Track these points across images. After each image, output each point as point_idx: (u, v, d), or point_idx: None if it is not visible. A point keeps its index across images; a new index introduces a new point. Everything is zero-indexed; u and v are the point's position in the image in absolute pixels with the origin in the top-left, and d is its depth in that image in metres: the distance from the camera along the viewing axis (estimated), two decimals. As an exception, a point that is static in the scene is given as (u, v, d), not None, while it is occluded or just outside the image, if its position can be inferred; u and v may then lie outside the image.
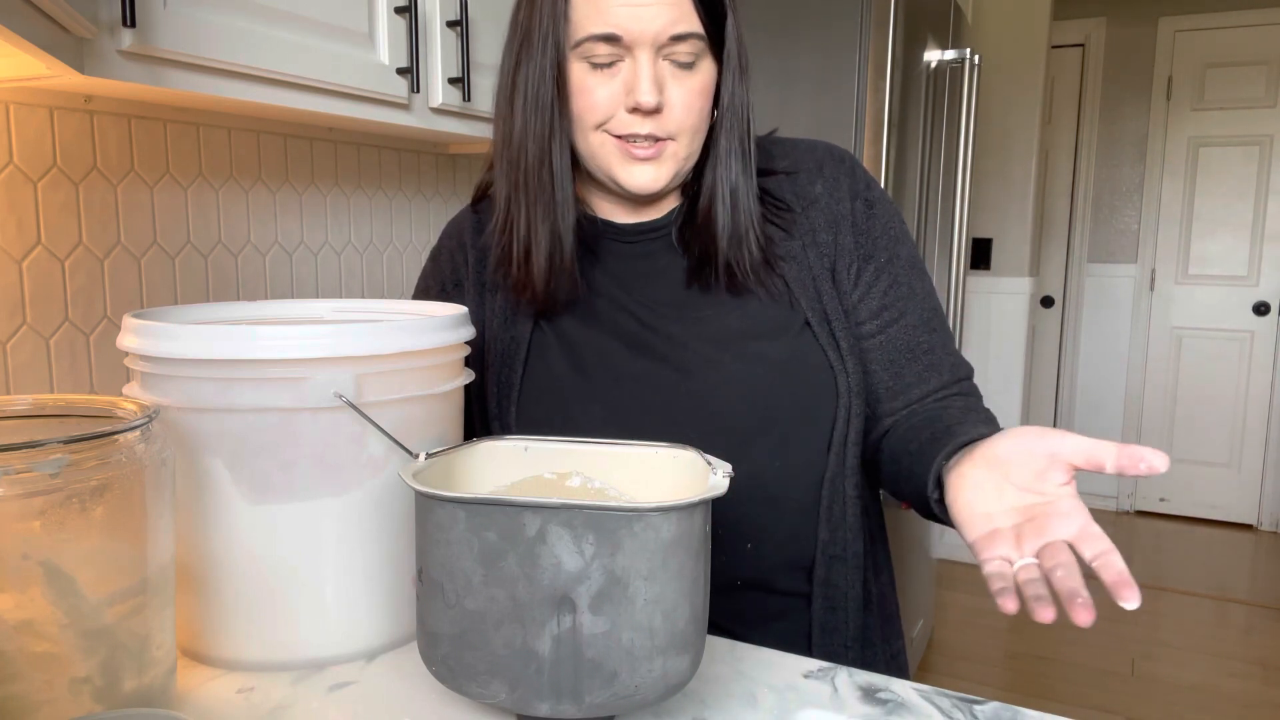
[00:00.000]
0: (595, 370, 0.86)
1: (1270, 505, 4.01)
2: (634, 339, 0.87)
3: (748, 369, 0.84)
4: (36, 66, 0.88)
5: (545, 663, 0.56)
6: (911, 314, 0.88)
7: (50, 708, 0.55)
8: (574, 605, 0.55)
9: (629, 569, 0.55)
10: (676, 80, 0.80)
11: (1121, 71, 4.11)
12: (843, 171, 0.90)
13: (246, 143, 1.42)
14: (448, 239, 0.99)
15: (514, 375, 0.89)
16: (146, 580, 0.61)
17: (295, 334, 0.67)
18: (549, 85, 0.80)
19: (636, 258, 0.90)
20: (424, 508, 0.59)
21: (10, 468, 0.53)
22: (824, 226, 0.88)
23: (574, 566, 0.54)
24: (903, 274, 0.89)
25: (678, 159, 0.83)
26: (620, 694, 0.56)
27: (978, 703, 0.66)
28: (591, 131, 0.81)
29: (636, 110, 0.79)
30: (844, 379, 0.85)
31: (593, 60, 0.79)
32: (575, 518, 0.54)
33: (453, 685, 0.59)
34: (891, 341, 0.87)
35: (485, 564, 0.55)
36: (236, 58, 1.02)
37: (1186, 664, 2.81)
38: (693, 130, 0.82)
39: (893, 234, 0.89)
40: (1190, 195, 4.04)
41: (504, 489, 0.72)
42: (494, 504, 0.55)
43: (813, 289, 0.86)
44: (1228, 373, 4.03)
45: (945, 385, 0.88)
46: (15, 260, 1.11)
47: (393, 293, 1.75)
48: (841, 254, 0.87)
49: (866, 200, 0.89)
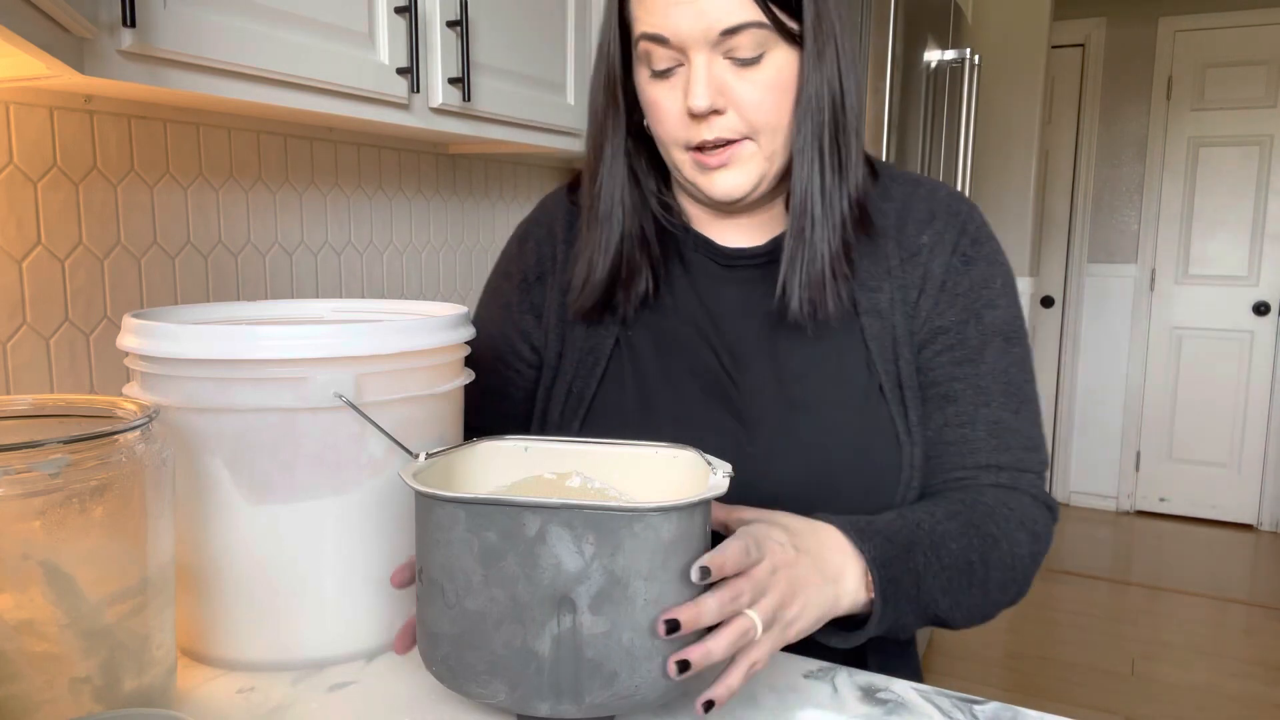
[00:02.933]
0: (663, 408, 0.83)
1: (1270, 505, 4.01)
2: (709, 383, 0.82)
3: (817, 440, 0.79)
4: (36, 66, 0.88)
5: (545, 663, 0.56)
6: (967, 395, 0.79)
7: (50, 708, 0.55)
8: (574, 605, 0.55)
9: (629, 569, 0.55)
10: (741, 76, 0.74)
11: (1121, 71, 4.11)
12: (954, 224, 0.82)
13: (246, 143, 1.42)
14: (537, 224, 0.95)
15: (588, 389, 0.85)
16: (146, 580, 0.61)
17: (295, 334, 0.67)
18: (602, 94, 0.80)
19: (729, 284, 0.85)
20: (424, 508, 0.58)
21: (10, 468, 0.53)
22: (916, 284, 0.81)
23: (574, 567, 0.54)
24: (974, 342, 0.80)
25: (760, 160, 0.77)
26: (620, 694, 0.56)
27: (978, 703, 0.66)
28: (671, 149, 0.78)
29: (693, 116, 0.75)
30: (909, 451, 0.79)
31: (652, 66, 0.76)
32: (575, 518, 0.54)
33: (453, 685, 0.59)
34: (932, 420, 0.80)
35: (485, 564, 0.55)
36: (236, 58, 1.02)
37: (1186, 664, 2.81)
38: (773, 128, 0.76)
39: (982, 297, 0.81)
40: (1190, 195, 4.04)
41: (504, 489, 0.72)
42: (494, 504, 0.55)
43: (891, 351, 0.80)
44: (1228, 373, 4.03)
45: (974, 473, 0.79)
46: (15, 260, 1.11)
47: (393, 293, 1.75)
48: (927, 316, 0.81)
49: (965, 256, 0.81)
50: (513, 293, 0.93)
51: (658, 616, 0.55)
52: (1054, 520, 0.81)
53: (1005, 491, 0.78)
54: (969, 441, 0.79)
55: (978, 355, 0.80)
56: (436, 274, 1.88)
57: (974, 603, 0.75)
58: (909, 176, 0.86)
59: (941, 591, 0.72)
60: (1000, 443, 0.79)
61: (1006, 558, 0.75)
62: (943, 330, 0.80)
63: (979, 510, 0.76)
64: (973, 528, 0.74)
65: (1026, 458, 0.80)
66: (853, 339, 0.81)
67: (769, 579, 0.61)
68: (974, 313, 0.80)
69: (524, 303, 0.92)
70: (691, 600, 0.57)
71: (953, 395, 0.80)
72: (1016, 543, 0.76)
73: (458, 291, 1.94)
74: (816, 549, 0.67)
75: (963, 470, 0.79)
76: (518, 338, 0.92)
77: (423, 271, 1.84)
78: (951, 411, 0.80)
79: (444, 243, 1.89)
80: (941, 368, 0.80)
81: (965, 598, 0.74)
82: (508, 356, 0.92)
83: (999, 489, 0.79)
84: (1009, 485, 0.79)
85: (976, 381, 0.79)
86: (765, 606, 0.60)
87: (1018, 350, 0.81)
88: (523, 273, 0.93)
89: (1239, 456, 4.05)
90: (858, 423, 0.79)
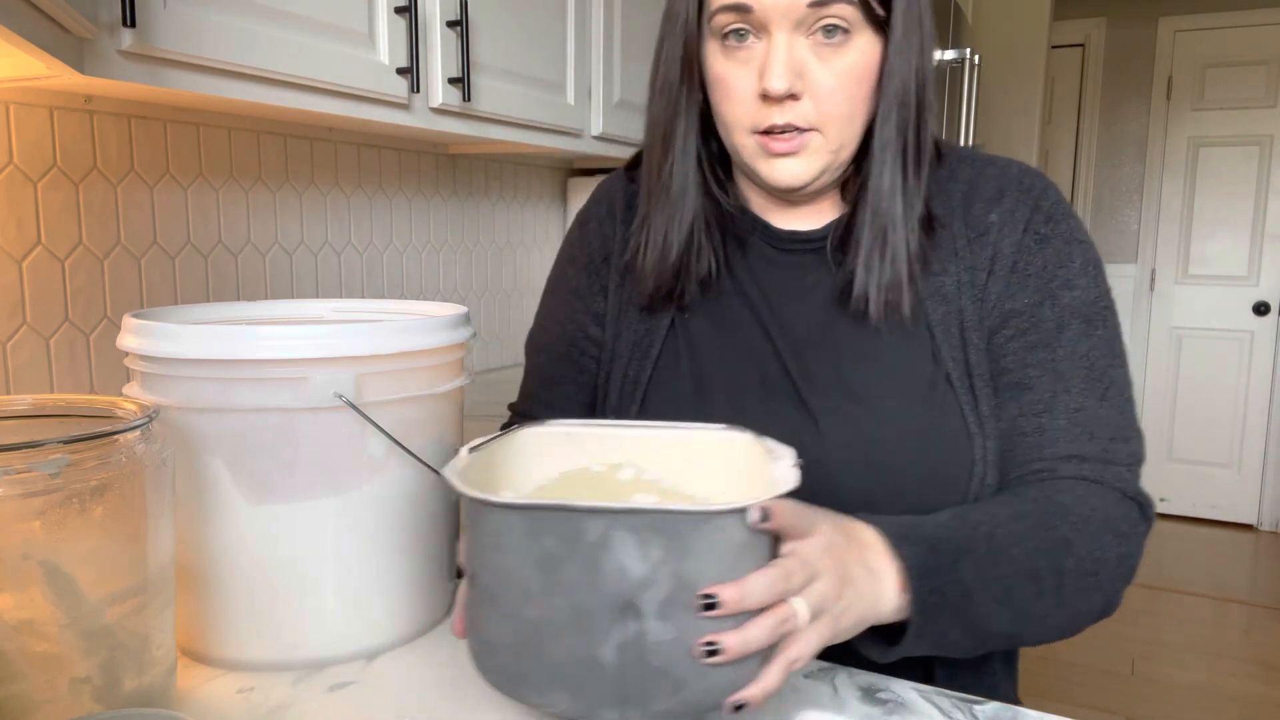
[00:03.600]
0: (719, 394, 0.80)
1: (1270, 505, 4.01)
2: (767, 370, 0.79)
3: (880, 433, 0.74)
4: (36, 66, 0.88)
5: (610, 671, 0.53)
6: (1043, 382, 0.73)
7: (50, 708, 0.55)
8: (639, 611, 0.51)
9: (698, 574, 0.51)
10: (822, 60, 0.70)
11: (1121, 71, 4.11)
12: (1026, 201, 0.76)
13: (246, 143, 1.42)
14: (597, 205, 0.91)
15: (643, 374, 0.83)
16: (146, 580, 0.61)
17: (295, 334, 0.67)
18: (677, 67, 0.75)
19: (786, 268, 0.81)
20: (474, 512, 0.55)
21: (10, 468, 0.53)
22: (985, 265, 0.76)
23: (639, 573, 0.51)
24: (1049, 325, 0.74)
25: (825, 152, 0.73)
26: (688, 701, 0.53)
27: (978, 703, 0.66)
28: (735, 131, 0.74)
29: (767, 97, 0.70)
30: (980, 445, 0.73)
31: (726, 38, 0.71)
32: (641, 522, 0.50)
33: (511, 693, 0.56)
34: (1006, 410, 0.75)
35: (544, 571, 0.52)
36: (236, 58, 1.02)
37: (1186, 664, 2.81)
38: (844, 120, 0.72)
39: (1058, 277, 0.75)
40: (1190, 195, 4.04)
41: (552, 482, 0.68)
42: (553, 509, 0.51)
43: (958, 336, 0.75)
44: (1228, 373, 4.03)
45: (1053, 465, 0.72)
46: (15, 260, 1.11)
47: (393, 293, 1.75)
48: (997, 299, 0.76)
49: (1039, 235, 0.75)
50: (580, 277, 0.90)
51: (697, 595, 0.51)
52: (1146, 520, 0.73)
53: (1088, 486, 0.71)
54: (1046, 431, 0.73)
55: (1054, 339, 0.74)
56: (436, 274, 1.88)
57: (1045, 615, 0.67)
58: (979, 155, 0.81)
59: (1000, 604, 0.65)
60: (1082, 431, 0.72)
61: (1085, 563, 0.67)
62: (1015, 313, 0.75)
63: (1052, 509, 0.68)
64: (1042, 529, 0.67)
65: (1113, 449, 0.72)
66: (916, 326, 0.76)
67: (820, 560, 0.56)
68: (1049, 294, 0.74)
69: (594, 285, 0.89)
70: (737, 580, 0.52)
71: (1027, 382, 0.74)
72: (1098, 545, 0.68)
73: (457, 291, 1.94)
74: (858, 539, 0.62)
75: (1040, 462, 0.72)
76: (591, 322, 0.89)
77: (423, 271, 1.84)
78: (1027, 400, 0.73)
79: (444, 243, 1.89)
80: (1014, 353, 0.74)
81: (1034, 610, 0.66)
82: (582, 343, 0.89)
83: (1081, 483, 0.71)
84: (1093, 479, 0.71)
85: (1053, 367, 0.73)
86: (815, 592, 0.55)
87: (1101, 333, 0.74)
88: (588, 256, 0.90)
89: (1239, 457, 4.05)
90: (924, 414, 0.74)
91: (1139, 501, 0.73)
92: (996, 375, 0.75)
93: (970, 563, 0.64)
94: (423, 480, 0.74)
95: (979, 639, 0.66)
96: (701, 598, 0.51)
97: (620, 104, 1.85)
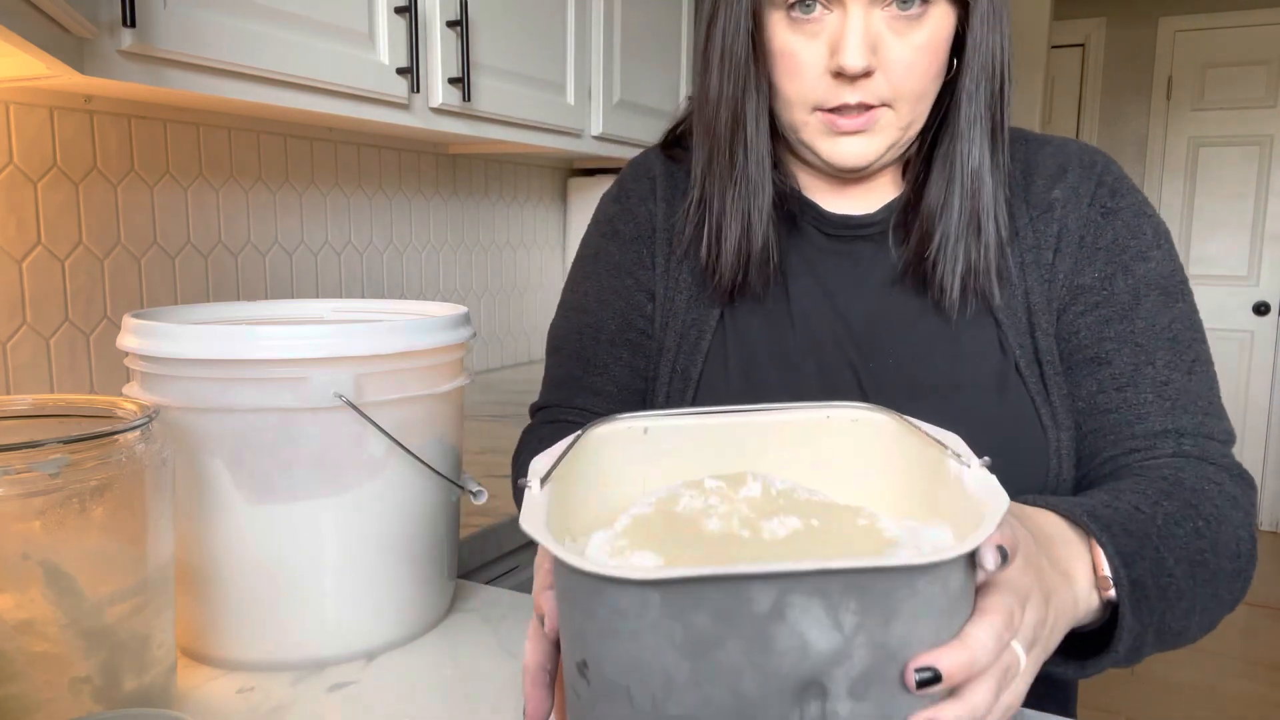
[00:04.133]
0: (777, 391, 0.74)
1: (1270, 505, 4.01)
2: (826, 363, 0.73)
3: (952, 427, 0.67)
4: (36, 66, 0.88)
5: None
6: (1123, 355, 0.68)
7: (50, 708, 0.55)
8: (824, 691, 0.40)
9: (907, 639, 0.39)
10: (897, 34, 0.65)
11: (1121, 71, 4.11)
12: (1089, 176, 0.72)
13: (246, 143, 1.42)
14: (635, 181, 0.84)
15: (693, 368, 0.77)
16: (146, 580, 0.61)
17: (295, 334, 0.67)
18: (744, 40, 0.68)
19: (839, 255, 0.76)
20: (588, 589, 0.41)
21: (10, 468, 0.53)
22: (1050, 243, 0.71)
23: (828, 646, 0.39)
24: (1125, 297, 0.69)
25: (895, 129, 0.68)
26: None
27: (978, 703, 0.66)
28: (796, 108, 0.69)
29: (841, 74, 0.65)
30: (1054, 437, 0.68)
31: (792, 8, 0.66)
32: (831, 584, 0.38)
33: None
34: (1083, 388, 0.69)
35: (693, 656, 0.40)
36: (236, 58, 1.02)
37: (1186, 664, 2.81)
38: (916, 95, 0.67)
39: (1130, 249, 0.70)
40: (1190, 195, 4.05)
41: (651, 509, 0.50)
42: (705, 580, 0.38)
43: (1025, 321, 0.71)
44: (1228, 373, 4.03)
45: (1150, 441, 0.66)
46: (15, 260, 1.11)
47: (393, 293, 1.75)
48: (1066, 276, 0.71)
49: (1105, 209, 0.71)
50: (627, 251, 0.82)
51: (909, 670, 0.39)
52: (1252, 500, 0.66)
53: (1198, 465, 0.64)
54: (1133, 406, 0.66)
55: (1131, 311, 0.68)
56: (436, 274, 1.88)
57: (1206, 606, 0.60)
58: (1032, 134, 0.77)
59: (1177, 595, 0.57)
60: (1174, 405, 0.66)
61: (1231, 544, 0.61)
62: (1086, 289, 0.70)
63: (1186, 487, 0.61)
64: (1192, 509, 0.60)
65: (1209, 424, 0.66)
66: (981, 315, 0.71)
67: (1023, 581, 0.44)
68: (1122, 265, 0.69)
69: (644, 258, 0.82)
70: (955, 639, 0.40)
71: (1104, 357, 0.68)
72: (1236, 524, 0.62)
73: (457, 291, 1.95)
74: (1043, 533, 0.52)
75: (1133, 440, 0.66)
76: (645, 299, 0.81)
77: (423, 271, 1.84)
78: (1106, 374, 0.68)
79: (444, 243, 1.89)
80: (1088, 329, 0.69)
81: (1200, 600, 0.59)
82: (637, 320, 0.81)
83: (1191, 462, 0.64)
84: (1198, 455, 0.65)
85: (1133, 339, 0.67)
86: (1028, 624, 0.43)
87: (1181, 306, 0.69)
88: (635, 229, 0.82)
89: (1239, 456, 4.04)
90: (994, 408, 0.69)
91: (1244, 478, 0.67)
92: (1070, 354, 0.70)
93: (1151, 548, 0.56)
94: (423, 480, 0.74)
95: (1160, 639, 0.57)
96: (917, 671, 0.39)
97: (620, 104, 1.85)
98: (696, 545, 0.47)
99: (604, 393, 0.81)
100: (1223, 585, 0.61)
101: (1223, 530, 0.61)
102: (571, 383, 0.82)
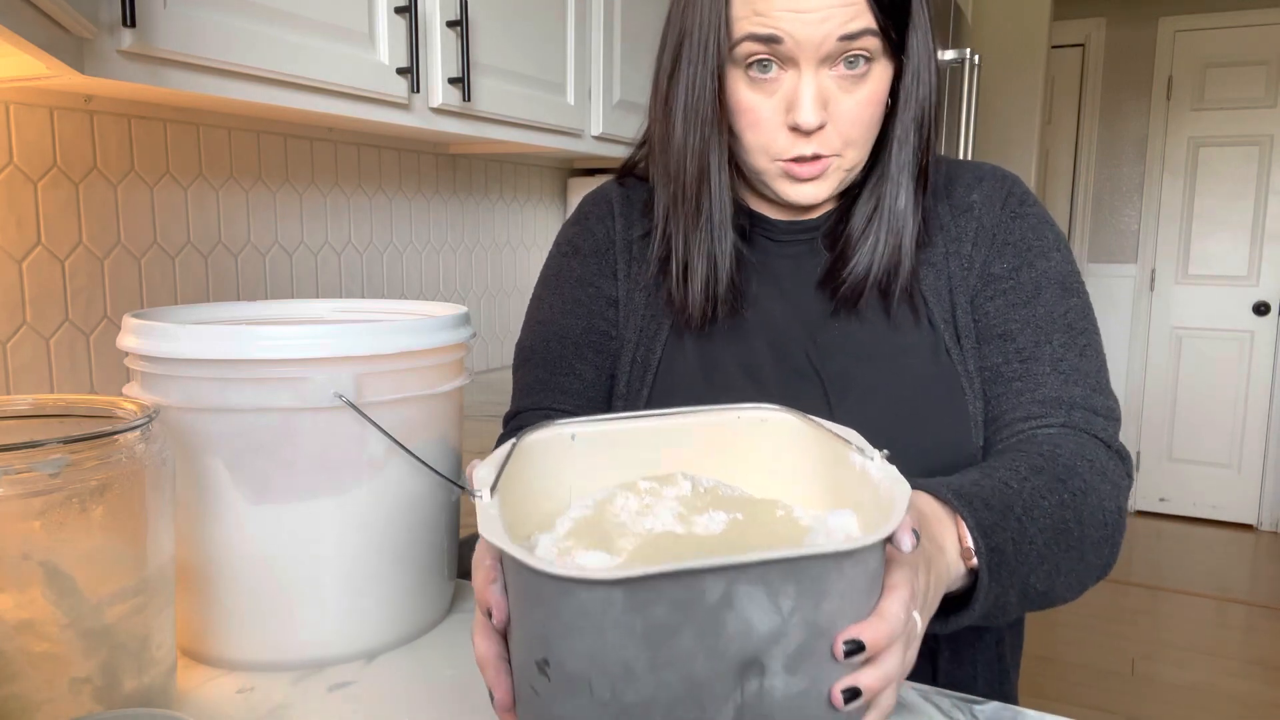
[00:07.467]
0: (731, 365, 0.81)
1: (1270, 505, 4.01)
2: (774, 340, 0.81)
3: (895, 383, 0.77)
4: (36, 66, 0.88)
5: None
6: (1025, 333, 0.77)
7: (50, 708, 0.55)
8: (763, 669, 0.45)
9: (835, 616, 0.45)
10: (845, 91, 0.73)
11: (1121, 71, 4.11)
12: (1002, 187, 0.83)
13: (246, 143, 1.42)
14: (592, 204, 0.92)
15: (652, 355, 0.84)
16: (146, 580, 0.61)
17: (295, 334, 0.67)
18: (709, 98, 0.75)
19: (784, 257, 0.84)
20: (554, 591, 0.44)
21: (10, 468, 0.53)
22: (969, 236, 0.81)
23: (768, 627, 0.44)
24: (1029, 286, 0.78)
25: (842, 172, 0.77)
26: None
27: (978, 703, 0.66)
28: (758, 155, 0.76)
29: (797, 129, 0.73)
30: (972, 405, 0.77)
31: (751, 69, 0.73)
32: (772, 572, 0.43)
33: None
34: (989, 359, 0.78)
35: (651, 646, 0.44)
36: (236, 58, 1.02)
37: (1186, 664, 2.81)
38: (863, 142, 0.76)
39: (1035, 247, 0.80)
40: (1190, 195, 4.05)
41: (590, 512, 0.55)
42: (664, 576, 0.42)
43: (948, 301, 0.80)
44: (1228, 373, 4.03)
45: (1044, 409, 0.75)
46: (15, 260, 1.11)
47: (393, 293, 1.75)
48: (982, 265, 0.80)
49: (1014, 212, 0.81)
50: (588, 264, 0.89)
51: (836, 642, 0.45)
52: (1129, 476, 0.75)
53: (1079, 436, 0.73)
54: (1032, 376, 0.76)
55: (1033, 298, 0.78)
56: (436, 274, 1.88)
57: (1072, 569, 0.68)
58: (949, 158, 0.86)
59: (1039, 560, 0.65)
60: (1066, 379, 0.75)
61: (1098, 514, 0.69)
62: (996, 277, 0.80)
63: (1060, 463, 0.70)
64: (1060, 482, 0.68)
65: (1095, 400, 0.75)
66: (914, 299, 0.80)
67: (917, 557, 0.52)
68: (1027, 260, 0.79)
69: (604, 269, 0.88)
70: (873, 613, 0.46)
71: (1010, 334, 0.78)
72: (1103, 495, 0.70)
73: (457, 291, 1.95)
74: (916, 512, 0.59)
75: (1029, 407, 0.75)
76: (607, 305, 0.88)
77: (423, 271, 1.84)
78: (1011, 348, 0.77)
79: (444, 243, 1.89)
80: (997, 311, 0.79)
81: (1064, 564, 0.67)
82: (601, 324, 0.87)
83: (1072, 433, 0.73)
84: (1082, 428, 0.74)
85: (1034, 322, 0.77)
86: (919, 594, 0.51)
87: (1076, 300, 0.79)
88: (592, 243, 0.89)
89: (1239, 456, 4.05)
90: (931, 368, 0.78)
91: (1120, 454, 0.75)
92: (981, 331, 0.79)
93: (1013, 519, 0.64)
94: (423, 480, 0.74)
95: (1025, 597, 0.66)
96: (845, 644, 0.45)
97: (620, 104, 1.85)
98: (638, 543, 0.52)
99: (571, 391, 0.86)
100: (1089, 551, 0.69)
101: (1088, 500, 0.69)
102: (540, 386, 0.87)
